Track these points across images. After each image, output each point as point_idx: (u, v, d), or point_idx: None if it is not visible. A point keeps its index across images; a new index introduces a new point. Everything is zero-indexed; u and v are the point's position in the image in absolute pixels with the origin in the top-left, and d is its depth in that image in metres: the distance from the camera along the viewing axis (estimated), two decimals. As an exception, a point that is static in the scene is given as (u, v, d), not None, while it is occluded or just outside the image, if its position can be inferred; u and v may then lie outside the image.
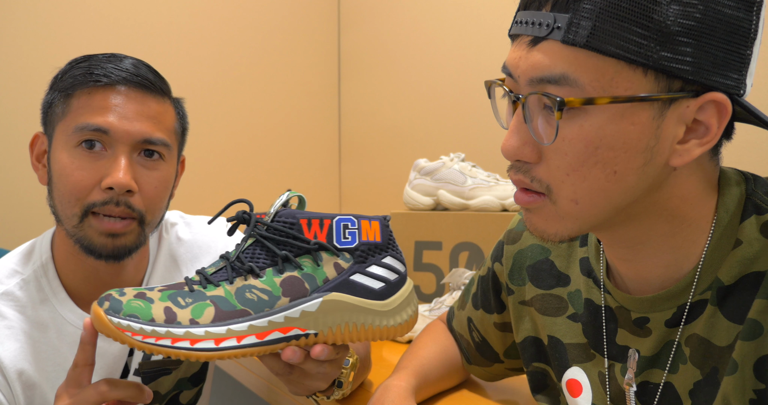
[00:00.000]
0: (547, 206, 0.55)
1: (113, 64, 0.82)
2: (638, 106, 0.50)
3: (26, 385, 0.82)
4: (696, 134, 0.52)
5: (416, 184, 1.36)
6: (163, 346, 0.60)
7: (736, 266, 0.55)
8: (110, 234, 0.80)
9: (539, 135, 0.53)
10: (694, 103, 0.50)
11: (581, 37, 0.49)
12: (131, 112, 0.81)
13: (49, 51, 1.59)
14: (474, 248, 1.26)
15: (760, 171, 1.05)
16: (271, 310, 0.63)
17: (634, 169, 0.51)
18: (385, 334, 0.68)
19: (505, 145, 0.55)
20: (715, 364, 0.56)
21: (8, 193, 1.57)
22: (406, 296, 0.70)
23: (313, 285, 0.65)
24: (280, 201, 0.68)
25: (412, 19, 1.82)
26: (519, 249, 0.76)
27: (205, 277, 0.65)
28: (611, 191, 0.52)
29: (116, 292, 0.62)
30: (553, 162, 0.53)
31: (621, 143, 0.50)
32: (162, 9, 1.78)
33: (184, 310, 0.62)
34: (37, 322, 0.84)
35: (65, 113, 0.81)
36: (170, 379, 0.94)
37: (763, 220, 0.55)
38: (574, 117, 0.51)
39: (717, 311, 0.56)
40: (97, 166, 0.80)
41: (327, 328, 0.65)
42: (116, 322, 0.60)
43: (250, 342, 0.62)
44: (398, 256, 0.70)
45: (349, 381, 0.77)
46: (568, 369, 0.70)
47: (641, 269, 0.60)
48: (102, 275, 0.87)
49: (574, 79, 0.50)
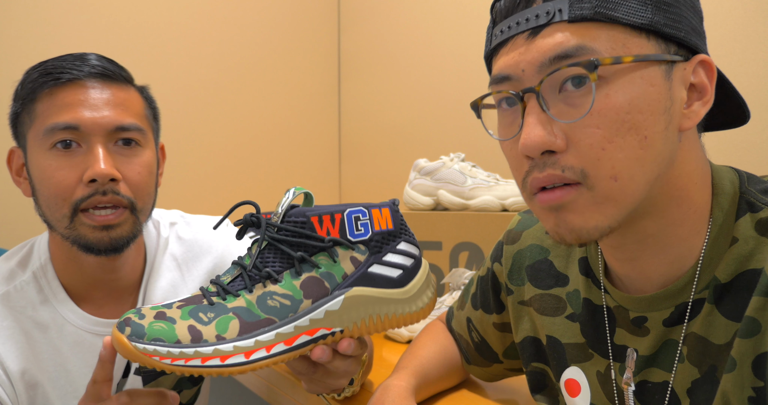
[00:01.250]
0: (582, 195, 0.53)
1: (69, 62, 0.82)
2: (652, 67, 0.52)
3: (28, 384, 0.83)
4: (696, 96, 0.55)
5: (416, 184, 1.36)
6: (195, 367, 0.59)
7: (733, 264, 0.55)
8: (104, 227, 0.79)
9: (566, 114, 0.52)
10: (689, 66, 0.54)
11: (588, 10, 0.51)
12: (97, 103, 0.80)
13: (49, 51, 1.59)
14: (474, 248, 1.26)
15: (760, 171, 1.05)
16: (295, 315, 0.62)
17: (660, 132, 0.53)
18: (409, 320, 0.68)
19: (529, 139, 0.52)
20: (713, 362, 0.56)
21: (8, 193, 1.57)
22: (425, 279, 0.70)
23: (332, 283, 0.64)
24: (287, 199, 0.66)
25: (412, 19, 1.82)
26: (518, 249, 0.76)
27: (222, 287, 0.63)
28: (645, 159, 0.52)
29: (135, 316, 0.61)
30: (585, 141, 0.52)
31: (646, 105, 0.52)
32: (162, 9, 1.78)
33: (208, 326, 0.60)
34: (38, 323, 0.84)
35: (33, 119, 0.81)
36: (170, 379, 0.94)
37: (758, 217, 0.55)
38: (599, 88, 0.51)
39: (714, 309, 0.56)
40: (75, 162, 0.79)
41: (352, 324, 0.65)
42: (142, 348, 0.58)
43: (279, 350, 0.61)
44: (411, 239, 0.70)
45: (359, 378, 0.78)
46: (567, 369, 0.70)
47: (645, 267, 0.60)
48: (100, 275, 0.87)
49: (591, 48, 0.51)
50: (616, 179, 0.52)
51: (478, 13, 1.60)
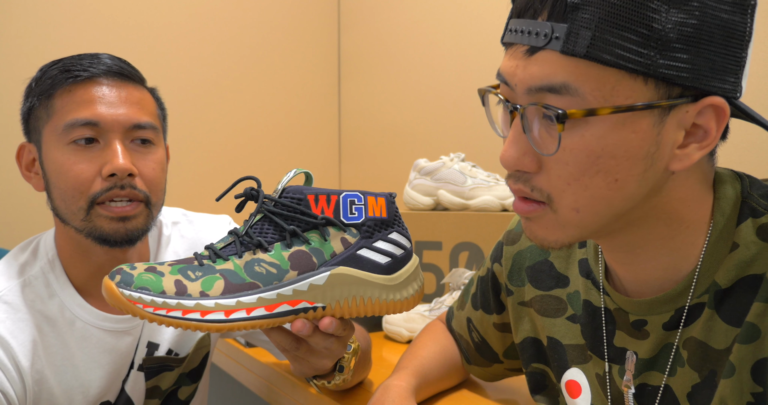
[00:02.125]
0: (547, 215, 0.55)
1: (87, 60, 0.84)
2: (639, 114, 0.50)
3: (36, 379, 0.83)
4: (695, 138, 0.52)
5: (416, 184, 1.36)
6: (174, 318, 0.61)
7: (733, 269, 0.55)
8: (121, 218, 0.81)
9: (539, 145, 0.52)
10: (693, 108, 0.50)
11: (581, 47, 0.48)
12: (116, 101, 0.83)
13: (49, 52, 1.59)
14: (474, 248, 1.26)
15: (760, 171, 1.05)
16: (279, 283, 0.64)
17: (635, 176, 0.51)
18: (392, 308, 0.70)
19: (504, 156, 0.54)
20: (713, 367, 0.56)
21: (8, 193, 1.57)
22: (412, 271, 0.71)
23: (320, 259, 0.66)
24: (288, 177, 0.69)
25: (412, 19, 1.82)
26: (518, 250, 0.76)
27: (214, 251, 0.66)
28: (613, 199, 0.52)
29: (127, 267, 0.63)
30: (554, 171, 0.52)
31: (622, 152, 0.50)
32: (162, 9, 1.78)
33: (194, 282, 0.63)
34: (47, 317, 0.84)
35: (50, 115, 0.83)
36: (172, 375, 0.95)
37: (760, 223, 0.55)
38: (575, 127, 0.50)
39: (714, 314, 0.56)
40: (93, 157, 0.81)
41: (334, 302, 0.66)
42: (127, 295, 0.61)
43: (259, 314, 0.63)
44: (404, 232, 0.71)
45: (350, 367, 0.78)
46: (568, 370, 0.70)
47: (640, 272, 0.60)
48: (108, 269, 0.87)
49: (575, 89, 0.49)
50: (578, 211, 0.53)
51: (478, 13, 1.60)
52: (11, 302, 0.83)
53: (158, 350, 0.92)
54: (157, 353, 0.92)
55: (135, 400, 0.92)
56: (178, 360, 0.95)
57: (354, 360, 0.78)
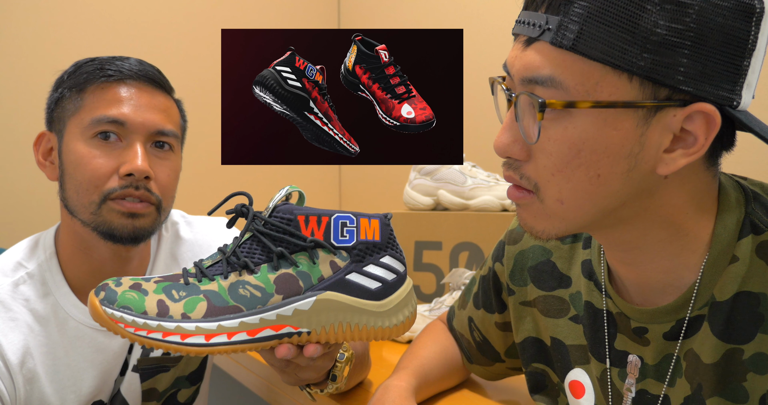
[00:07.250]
0: (535, 203, 0.56)
1: (121, 62, 0.86)
2: (621, 112, 0.50)
3: (27, 378, 0.83)
4: (684, 144, 0.51)
5: (416, 184, 1.36)
6: (154, 340, 0.60)
7: (730, 283, 0.55)
8: (130, 214, 0.82)
9: (527, 134, 0.54)
10: (681, 113, 0.50)
11: (568, 40, 0.49)
12: (144, 104, 0.85)
13: (49, 52, 1.59)
14: (474, 248, 1.26)
15: (760, 171, 1.05)
16: (263, 308, 0.63)
17: (618, 174, 0.52)
18: (380, 334, 0.68)
19: (496, 142, 0.56)
20: (700, 380, 0.56)
21: (8, 193, 1.57)
22: (404, 297, 0.69)
23: (307, 283, 0.65)
24: (280, 195, 0.68)
25: (412, 19, 1.82)
26: (520, 250, 0.76)
27: (200, 269, 0.65)
28: (595, 194, 0.53)
29: (113, 282, 0.63)
30: (540, 161, 0.53)
31: (603, 148, 0.51)
32: (162, 9, 1.78)
33: (176, 303, 0.62)
34: (40, 316, 0.84)
35: (78, 108, 0.84)
36: (168, 377, 0.95)
37: (759, 240, 0.55)
38: (558, 118, 0.51)
39: (707, 327, 0.56)
40: (114, 154, 0.82)
41: (320, 327, 0.65)
42: (110, 313, 0.60)
43: (240, 339, 0.62)
44: (398, 255, 0.69)
45: (344, 375, 0.77)
46: (571, 371, 0.70)
47: (641, 273, 0.60)
48: (109, 267, 0.87)
49: (560, 81, 0.50)
50: (562, 203, 0.54)
51: (478, 13, 1.60)
52: (2, 301, 0.83)
53: (154, 351, 0.92)
54: (152, 354, 0.92)
55: (131, 402, 0.92)
56: (173, 361, 0.94)
57: (347, 368, 0.77)
